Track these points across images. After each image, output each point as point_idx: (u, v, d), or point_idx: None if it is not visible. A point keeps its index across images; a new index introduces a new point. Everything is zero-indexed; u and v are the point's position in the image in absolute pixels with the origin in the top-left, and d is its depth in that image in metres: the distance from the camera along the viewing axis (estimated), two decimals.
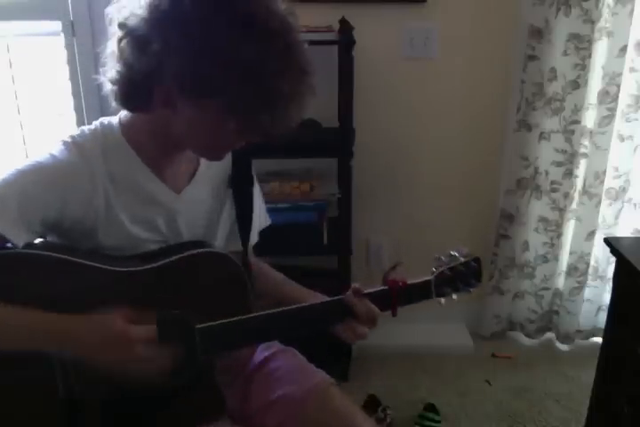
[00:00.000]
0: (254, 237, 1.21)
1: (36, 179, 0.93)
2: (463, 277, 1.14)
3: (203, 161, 1.09)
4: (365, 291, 1.06)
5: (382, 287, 1.07)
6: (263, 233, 1.25)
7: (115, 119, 1.02)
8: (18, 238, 0.90)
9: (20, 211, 0.90)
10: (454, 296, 1.14)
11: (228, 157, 1.13)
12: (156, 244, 1.04)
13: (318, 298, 1.09)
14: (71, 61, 1.93)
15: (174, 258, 0.98)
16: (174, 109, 0.92)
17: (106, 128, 1.01)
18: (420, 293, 1.10)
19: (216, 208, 1.13)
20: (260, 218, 1.22)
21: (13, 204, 0.89)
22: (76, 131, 1.00)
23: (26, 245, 0.93)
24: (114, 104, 0.98)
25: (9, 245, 0.90)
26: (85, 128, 1.01)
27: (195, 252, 1.00)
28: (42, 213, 0.93)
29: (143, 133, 1.00)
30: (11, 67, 1.96)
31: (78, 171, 0.95)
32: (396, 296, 1.07)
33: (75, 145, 0.97)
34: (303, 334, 1.03)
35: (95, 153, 0.97)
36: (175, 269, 0.99)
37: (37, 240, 0.98)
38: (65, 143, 0.97)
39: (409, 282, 1.09)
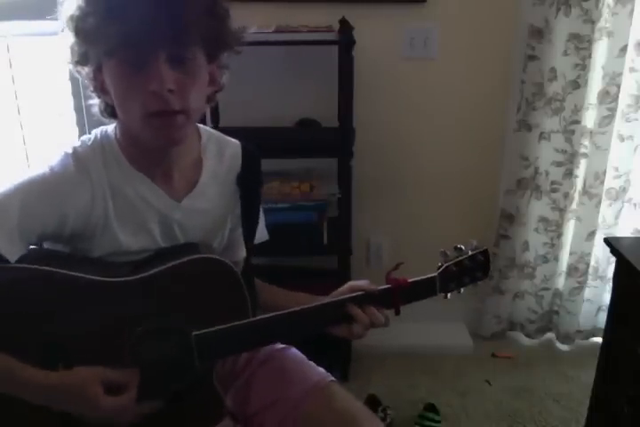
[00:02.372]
0: (242, 251, 1.19)
1: (37, 195, 0.94)
2: (469, 271, 1.10)
3: (205, 171, 1.07)
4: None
5: (384, 286, 1.06)
6: None
7: (111, 129, 1.03)
8: (12, 255, 0.91)
9: (20, 226, 0.91)
10: (461, 290, 1.11)
11: (238, 159, 1.12)
12: (149, 252, 1.04)
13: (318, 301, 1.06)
14: None
15: (168, 265, 0.97)
16: (104, 89, 0.95)
17: (104, 138, 1.01)
18: (425, 290, 1.08)
19: (220, 218, 1.12)
20: (260, 231, 1.21)
21: (13, 220, 0.90)
22: (76, 142, 1.01)
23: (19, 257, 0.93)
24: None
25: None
26: (86, 138, 1.02)
27: (188, 258, 0.99)
28: (41, 228, 0.94)
29: (128, 144, 1.00)
30: (11, 67, 1.96)
31: (78, 184, 0.96)
32: (398, 295, 1.05)
33: (75, 157, 0.98)
34: (302, 337, 1.02)
35: (97, 165, 0.98)
36: (169, 276, 0.97)
37: (32, 247, 0.98)
38: (65, 155, 0.98)
39: (412, 280, 1.06)
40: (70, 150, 0.99)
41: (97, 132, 1.03)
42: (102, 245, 1.00)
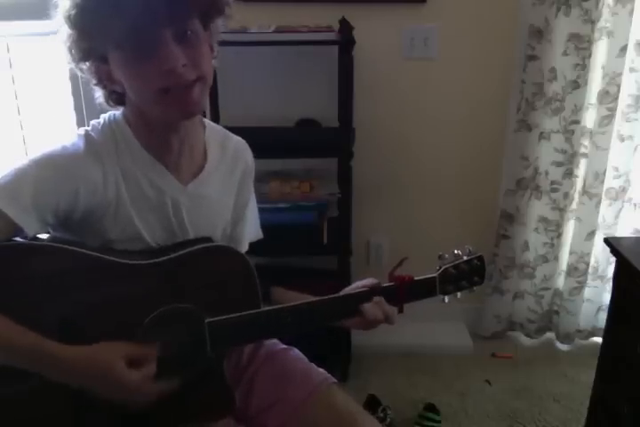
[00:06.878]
0: (245, 246, 1.22)
1: (50, 169, 0.95)
2: (467, 275, 1.14)
3: (210, 158, 1.10)
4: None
5: (389, 284, 1.08)
6: (264, 233, 1.26)
7: (118, 113, 1.04)
8: (29, 227, 0.92)
9: (34, 200, 0.92)
10: (459, 294, 1.15)
11: (242, 155, 1.16)
12: (161, 237, 1.05)
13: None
14: None
15: (184, 251, 0.99)
16: (111, 78, 0.95)
17: (113, 123, 1.03)
18: (425, 290, 1.11)
19: (222, 208, 1.13)
20: (253, 228, 1.23)
21: (28, 192, 0.91)
22: (87, 127, 1.03)
23: (33, 239, 0.94)
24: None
25: (17, 238, 0.92)
26: (95, 123, 1.03)
27: (205, 245, 1.01)
28: (55, 203, 0.94)
29: (141, 126, 1.01)
30: (11, 67, 1.96)
31: (90, 163, 0.97)
32: (403, 292, 1.07)
33: (87, 140, 0.99)
34: (312, 328, 1.04)
35: (108, 149, 0.99)
36: (185, 262, 0.99)
37: (44, 236, 0.99)
38: (78, 136, 1.00)
39: (415, 278, 1.09)
40: (82, 132, 1.00)
41: (105, 116, 1.04)
42: (116, 227, 1.00)
